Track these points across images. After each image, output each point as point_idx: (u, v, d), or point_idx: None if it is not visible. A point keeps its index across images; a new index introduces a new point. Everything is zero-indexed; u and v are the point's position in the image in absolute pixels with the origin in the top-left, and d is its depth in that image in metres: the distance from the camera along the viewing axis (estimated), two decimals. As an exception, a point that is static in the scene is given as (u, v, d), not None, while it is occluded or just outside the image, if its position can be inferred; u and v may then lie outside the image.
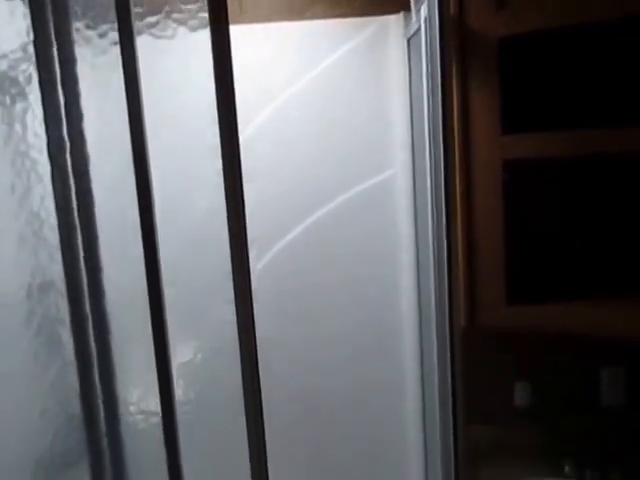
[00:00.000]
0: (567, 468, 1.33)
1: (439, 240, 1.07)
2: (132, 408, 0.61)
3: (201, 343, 0.66)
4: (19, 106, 0.57)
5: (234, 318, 0.61)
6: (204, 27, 0.60)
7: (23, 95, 0.56)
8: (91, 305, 0.57)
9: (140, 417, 0.62)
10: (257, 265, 1.38)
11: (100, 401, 0.59)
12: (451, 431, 1.18)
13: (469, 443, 1.41)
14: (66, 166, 0.56)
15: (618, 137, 1.14)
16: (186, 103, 0.63)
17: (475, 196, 1.23)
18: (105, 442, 0.60)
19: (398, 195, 1.41)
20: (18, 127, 0.56)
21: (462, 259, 1.25)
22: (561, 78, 1.26)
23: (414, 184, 1.37)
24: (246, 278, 0.61)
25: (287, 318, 1.42)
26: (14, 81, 0.57)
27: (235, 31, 0.59)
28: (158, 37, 0.61)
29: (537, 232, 1.32)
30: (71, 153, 0.56)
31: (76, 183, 0.56)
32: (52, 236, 0.56)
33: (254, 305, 0.62)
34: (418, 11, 1.17)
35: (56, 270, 0.56)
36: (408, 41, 1.33)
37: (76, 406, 0.58)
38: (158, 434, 0.60)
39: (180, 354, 0.63)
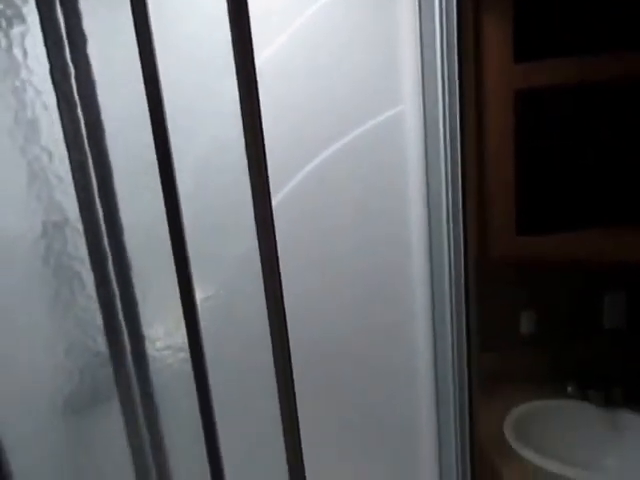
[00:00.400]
0: (570, 389, 1.33)
1: (453, 173, 1.02)
2: (158, 344, 0.58)
3: (224, 277, 0.63)
4: (17, 30, 0.50)
5: (256, 249, 0.57)
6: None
7: (20, 17, 0.50)
8: (109, 240, 0.53)
9: (167, 352, 0.59)
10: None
11: (125, 337, 0.56)
12: (465, 361, 1.17)
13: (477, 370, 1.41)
14: (72, 94, 0.50)
15: (635, 61, 1.07)
16: (197, 26, 0.57)
17: (487, 128, 1.16)
18: (133, 378, 0.57)
19: (408, 130, 1.34)
20: (18, 53, 0.50)
21: (473, 191, 1.20)
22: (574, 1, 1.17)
23: (424, 118, 1.29)
24: (267, 208, 0.57)
25: (298, 259, 1.38)
26: (9, 2, 0.50)
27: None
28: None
29: (547, 163, 1.27)
30: (77, 80, 0.50)
31: (84, 112, 0.50)
32: (63, 170, 0.50)
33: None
34: None
35: (70, 205, 0.51)
36: (416, -34, 1.22)
37: (101, 343, 0.55)
38: (186, 369, 0.58)
39: (203, 289, 0.59)
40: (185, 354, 0.58)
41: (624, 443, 1.25)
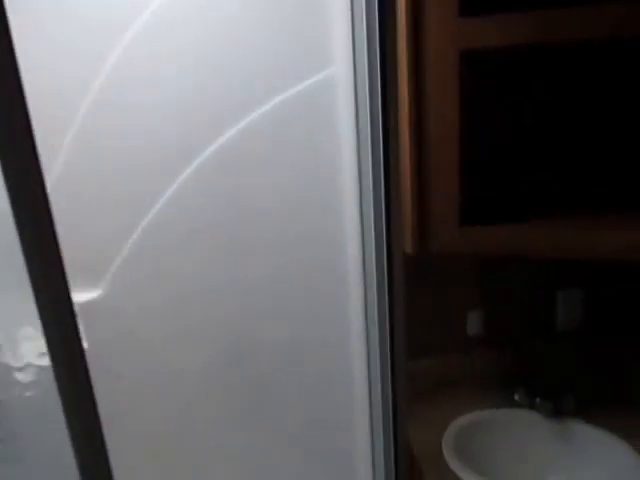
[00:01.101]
0: (517, 396, 1.17)
1: (374, 150, 0.80)
2: None
3: None
4: None
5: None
6: None
7: None
8: None
9: None
10: (170, 187, 1.09)
11: None
12: (388, 365, 0.98)
13: (420, 376, 1.24)
14: None
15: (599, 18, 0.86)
16: None
17: (427, 96, 0.94)
18: None
19: (340, 97, 1.11)
20: None
21: (410, 174, 0.99)
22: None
23: (355, 83, 1.06)
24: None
25: (209, 253, 1.15)
26: None
27: None
28: None
29: (497, 140, 1.06)
30: None
31: None
32: None
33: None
34: None
35: None
36: None
37: None
38: None
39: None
40: None
41: (575, 457, 1.09)
